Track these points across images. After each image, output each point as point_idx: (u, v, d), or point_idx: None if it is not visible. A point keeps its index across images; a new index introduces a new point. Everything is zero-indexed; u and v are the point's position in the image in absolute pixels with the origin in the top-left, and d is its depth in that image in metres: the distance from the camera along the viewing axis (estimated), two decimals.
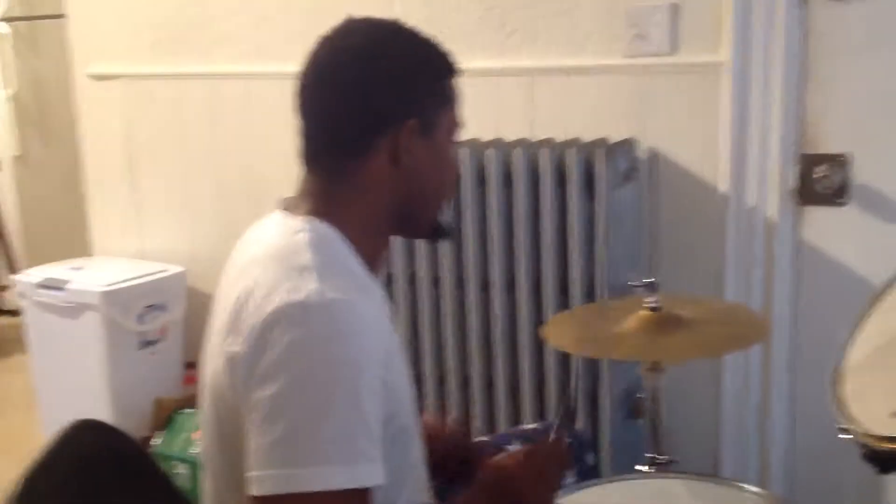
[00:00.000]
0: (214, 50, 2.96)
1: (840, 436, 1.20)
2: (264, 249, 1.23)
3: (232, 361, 1.16)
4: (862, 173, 2.25)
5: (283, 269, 1.17)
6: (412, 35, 1.30)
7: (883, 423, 1.15)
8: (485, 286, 2.39)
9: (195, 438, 2.64)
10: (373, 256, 1.30)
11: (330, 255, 1.21)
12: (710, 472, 2.34)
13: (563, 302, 2.30)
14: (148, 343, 2.91)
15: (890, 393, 1.22)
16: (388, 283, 2.47)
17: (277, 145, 2.24)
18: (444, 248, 2.40)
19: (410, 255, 2.45)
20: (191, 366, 2.91)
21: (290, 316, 1.12)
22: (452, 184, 1.38)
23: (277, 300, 1.14)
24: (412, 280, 2.47)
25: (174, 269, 3.02)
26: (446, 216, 1.40)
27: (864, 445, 1.18)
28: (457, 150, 1.32)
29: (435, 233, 1.38)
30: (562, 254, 2.30)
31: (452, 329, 2.44)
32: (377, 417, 1.15)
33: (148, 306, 2.90)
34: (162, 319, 2.94)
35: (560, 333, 1.78)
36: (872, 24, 2.18)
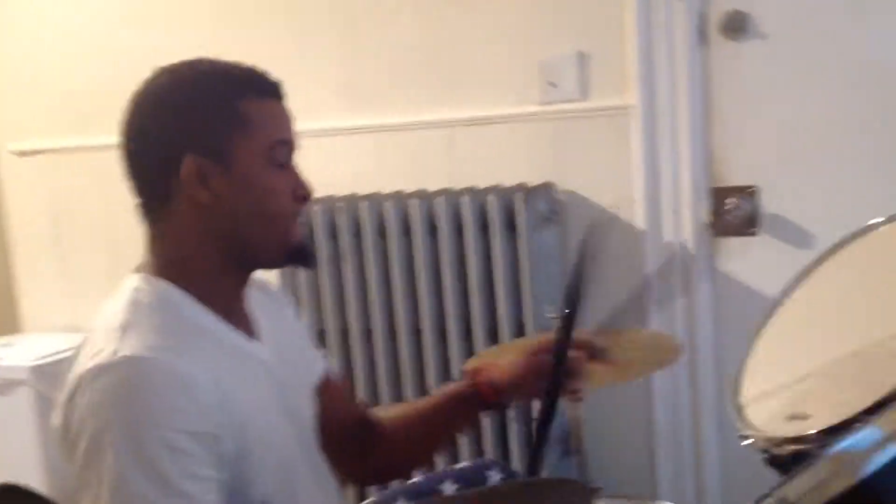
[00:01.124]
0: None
1: (742, 443, 1.25)
2: (102, 313, 1.22)
3: (54, 436, 1.16)
4: (770, 203, 2.35)
5: (102, 333, 1.17)
6: (195, 71, 1.25)
7: (781, 426, 1.20)
8: (416, 333, 2.43)
9: None
10: (226, 303, 1.26)
11: (150, 309, 1.19)
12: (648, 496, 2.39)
13: (494, 342, 2.35)
14: None
15: (785, 398, 1.28)
16: (321, 337, 2.49)
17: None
18: (374, 299, 2.44)
19: (341, 308, 2.49)
20: None
21: (84, 381, 1.12)
22: (283, 207, 1.26)
23: (80, 367, 1.13)
24: (344, 334, 2.50)
25: None
26: (299, 239, 1.29)
27: (764, 451, 1.23)
28: (279, 170, 1.24)
29: (290, 258, 1.30)
30: (489, 296, 2.35)
31: (386, 379, 2.47)
32: (194, 476, 1.10)
33: None
34: None
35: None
36: (768, 63, 2.30)
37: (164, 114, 1.23)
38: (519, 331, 2.32)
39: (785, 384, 1.34)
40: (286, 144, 1.27)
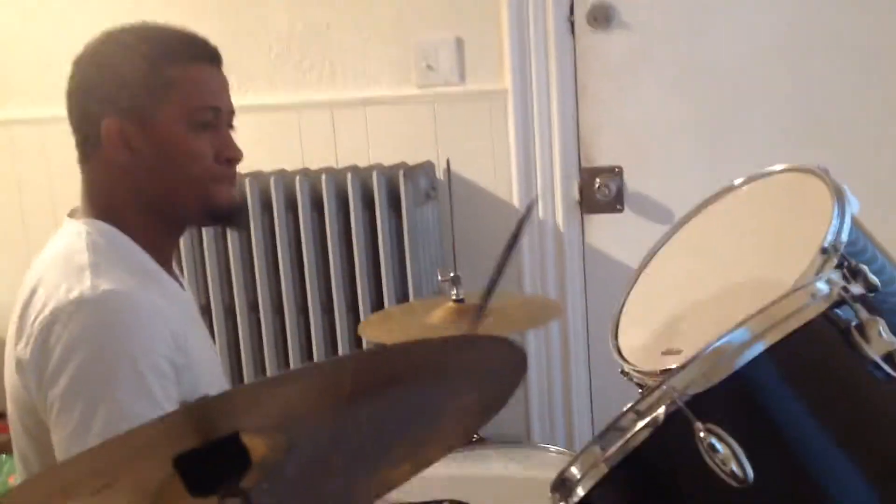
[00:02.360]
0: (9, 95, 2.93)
1: (625, 378, 1.38)
2: (49, 255, 1.29)
3: (21, 366, 1.22)
4: (633, 182, 2.53)
5: (62, 271, 1.24)
6: (130, 35, 1.33)
7: (656, 360, 1.34)
8: (303, 307, 2.49)
9: (12, 482, 2.57)
10: (160, 247, 1.35)
11: (109, 251, 1.27)
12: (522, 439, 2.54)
13: None
14: None
15: (659, 337, 1.41)
16: (207, 312, 2.52)
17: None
18: (261, 275, 2.49)
19: (227, 284, 2.52)
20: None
21: (64, 314, 1.18)
22: (204, 169, 1.33)
23: (55, 301, 1.20)
24: (230, 309, 2.53)
25: None
26: (225, 201, 1.36)
27: (641, 384, 1.36)
28: (202, 133, 1.32)
29: (214, 219, 1.39)
30: (373, 270, 2.44)
31: (272, 356, 2.52)
32: (169, 398, 1.19)
33: None
34: None
35: (375, 330, 1.91)
36: (632, 52, 2.47)
37: (92, 74, 1.31)
38: (402, 300, 2.41)
39: (657, 325, 1.47)
40: (213, 109, 1.34)
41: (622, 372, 1.43)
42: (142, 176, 1.31)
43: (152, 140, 1.29)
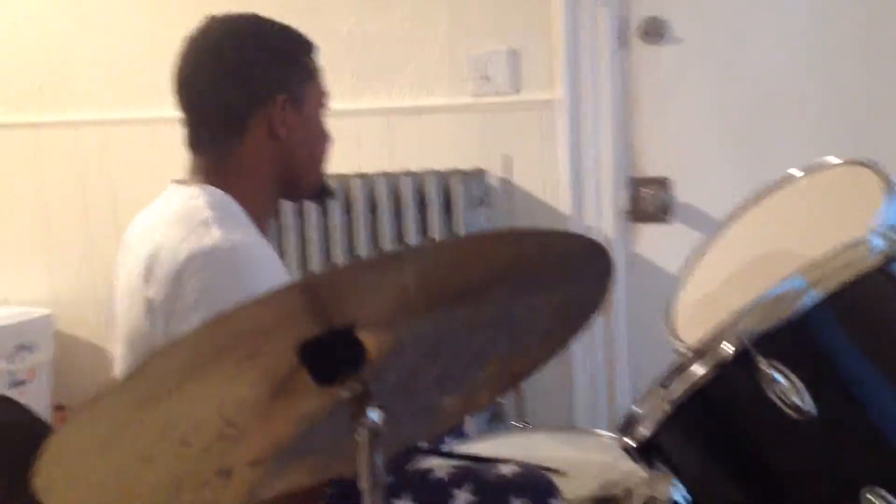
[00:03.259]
0: (72, 98, 3.05)
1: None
2: (164, 216, 1.36)
3: (150, 306, 1.29)
4: (682, 194, 2.58)
5: (186, 226, 1.31)
6: (270, 22, 1.46)
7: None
8: None
9: None
10: (261, 221, 1.43)
11: (226, 211, 1.35)
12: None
13: None
14: (17, 383, 2.90)
15: (713, 319, 1.45)
16: None
17: (141, 184, 2.33)
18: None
19: None
20: (60, 408, 2.90)
21: (199, 261, 1.26)
22: (327, 149, 1.51)
23: (187, 249, 1.27)
24: None
25: (38, 311, 3.03)
26: (326, 179, 1.54)
27: None
28: (325, 117, 1.49)
29: (319, 194, 1.54)
30: None
31: None
32: None
33: (16, 346, 2.91)
34: (30, 361, 2.94)
35: None
36: (682, 65, 2.53)
37: (257, 59, 1.40)
38: None
39: (712, 312, 1.52)
40: (327, 95, 1.49)
41: (676, 351, 1.48)
42: (287, 149, 1.41)
43: (303, 119, 1.42)
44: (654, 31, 2.54)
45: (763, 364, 0.92)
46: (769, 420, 0.92)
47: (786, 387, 0.91)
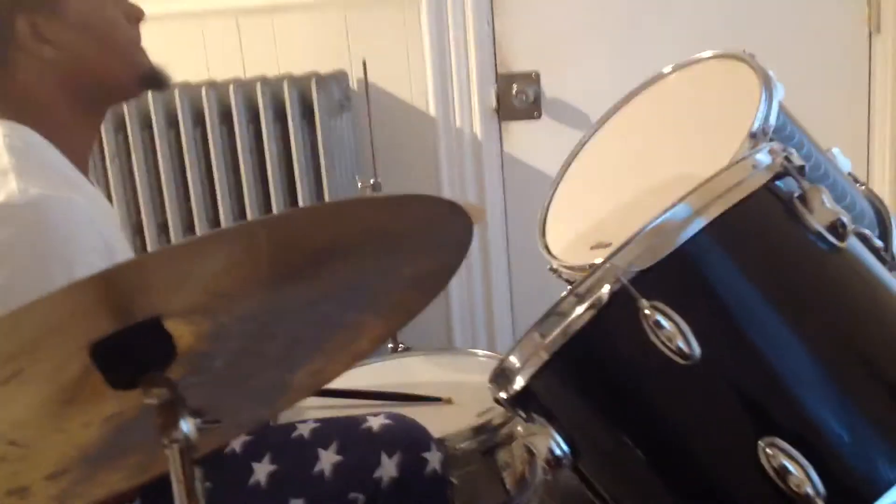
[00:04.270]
0: None
1: (547, 280, 1.35)
2: None
3: None
4: (552, 89, 2.48)
5: None
6: None
7: (585, 255, 1.30)
8: (215, 223, 2.40)
9: None
10: (79, 151, 1.27)
11: (29, 154, 1.18)
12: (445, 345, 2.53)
13: None
14: None
15: (587, 233, 1.38)
16: None
17: None
18: (169, 193, 2.38)
19: (134, 203, 2.41)
20: None
21: None
22: (124, 30, 1.27)
23: None
24: (139, 229, 2.43)
25: None
26: (148, 63, 1.30)
27: (570, 281, 1.33)
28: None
29: (144, 83, 1.32)
30: (289, 184, 2.35)
31: None
32: None
33: None
34: None
35: None
36: None
37: None
38: None
39: (585, 222, 1.44)
40: None
41: (551, 269, 1.40)
42: (68, 65, 1.21)
43: (69, 24, 1.21)
44: None
45: (644, 305, 0.84)
46: (654, 367, 0.85)
47: (670, 331, 0.82)
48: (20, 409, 0.62)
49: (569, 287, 1.36)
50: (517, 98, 2.48)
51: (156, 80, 1.31)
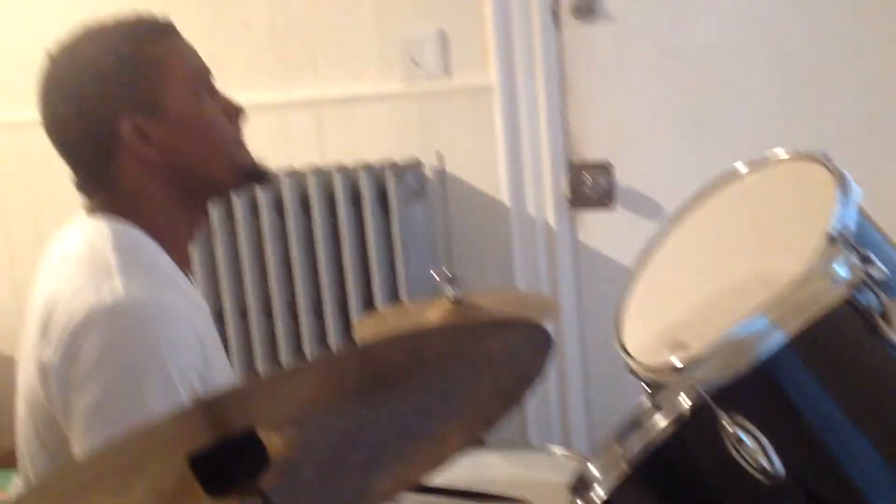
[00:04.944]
0: None
1: (623, 377, 1.35)
2: (68, 253, 1.24)
3: (44, 370, 1.17)
4: (624, 178, 2.50)
5: (87, 273, 1.18)
6: (91, 36, 1.27)
7: (663, 355, 1.30)
8: (293, 312, 2.45)
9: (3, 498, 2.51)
10: (182, 244, 1.31)
11: (133, 253, 1.22)
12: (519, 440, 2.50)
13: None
14: None
15: (663, 332, 1.38)
16: None
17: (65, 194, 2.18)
18: (250, 278, 2.45)
19: (215, 289, 2.48)
20: None
21: (97, 321, 1.13)
22: (225, 130, 1.31)
23: (84, 305, 1.15)
24: (219, 313, 2.49)
25: None
26: (249, 158, 1.34)
27: (647, 382, 1.33)
28: (208, 98, 1.29)
29: (245, 179, 1.35)
30: (363, 269, 2.40)
31: (262, 358, 2.48)
32: None
33: None
34: None
35: (370, 331, 1.87)
36: (617, 44, 2.44)
37: (82, 88, 1.24)
38: (394, 300, 2.38)
39: (662, 321, 1.44)
40: (202, 71, 1.31)
41: (628, 369, 1.40)
42: (171, 165, 1.26)
43: (171, 125, 1.25)
44: (587, 7, 2.44)
45: (726, 421, 0.84)
46: (736, 483, 0.85)
47: (752, 448, 0.83)
48: None
49: (645, 387, 1.38)
50: (590, 187, 2.51)
51: (257, 176, 1.36)
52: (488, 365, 0.74)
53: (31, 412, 1.22)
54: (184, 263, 1.32)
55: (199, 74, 1.30)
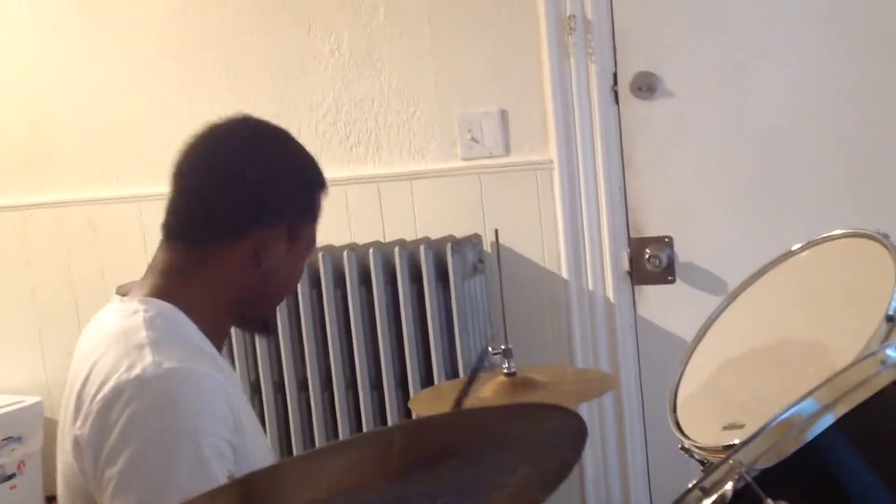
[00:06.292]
0: (58, 177, 2.99)
1: (684, 454, 1.34)
2: (102, 334, 1.26)
3: (78, 445, 1.19)
4: (685, 253, 2.49)
5: (120, 350, 1.21)
6: (298, 145, 1.36)
7: (718, 435, 1.29)
8: (352, 386, 2.47)
9: None
10: (215, 335, 1.32)
11: (167, 328, 1.24)
12: None
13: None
14: (7, 477, 2.82)
15: (719, 411, 1.37)
16: (256, 389, 2.51)
17: (130, 268, 2.25)
18: (310, 351, 2.48)
19: (277, 360, 2.51)
20: (51, 499, 2.81)
21: (126, 392, 1.15)
22: (292, 292, 1.43)
23: (115, 379, 1.17)
24: (280, 386, 2.52)
25: (30, 399, 2.95)
26: (274, 317, 1.47)
27: (702, 461, 1.31)
28: (304, 264, 1.39)
29: (264, 329, 1.44)
30: (424, 345, 2.41)
31: (322, 432, 2.50)
32: (224, 476, 1.16)
33: (4, 439, 2.82)
34: (20, 452, 2.85)
35: (426, 406, 1.88)
36: (676, 118, 2.46)
37: (275, 176, 1.30)
38: (452, 376, 2.38)
39: (717, 399, 1.43)
40: (316, 243, 1.39)
41: (682, 448, 1.39)
42: (260, 278, 1.30)
43: (288, 259, 1.31)
44: (646, 85, 2.47)
45: None
46: None
47: None
48: None
49: (701, 467, 1.36)
50: (650, 262, 2.50)
51: (271, 331, 1.45)
52: (521, 449, 0.74)
53: (68, 489, 1.25)
54: (218, 345, 1.34)
55: (315, 245, 1.38)
